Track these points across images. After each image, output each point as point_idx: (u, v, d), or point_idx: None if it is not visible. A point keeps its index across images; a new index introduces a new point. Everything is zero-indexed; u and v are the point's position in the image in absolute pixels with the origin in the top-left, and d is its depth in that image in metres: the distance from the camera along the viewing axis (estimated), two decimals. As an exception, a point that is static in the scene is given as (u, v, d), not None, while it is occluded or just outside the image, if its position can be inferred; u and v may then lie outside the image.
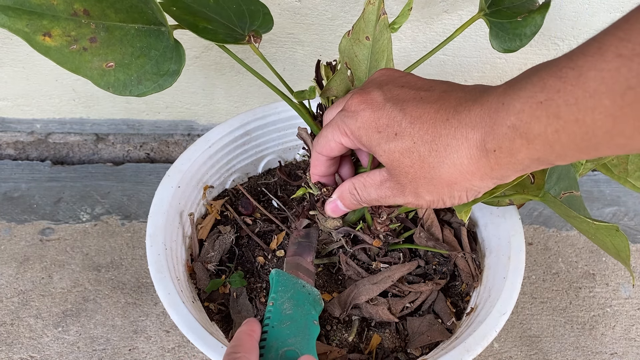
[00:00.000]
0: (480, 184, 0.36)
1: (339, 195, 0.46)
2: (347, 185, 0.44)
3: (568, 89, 0.29)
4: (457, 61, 0.77)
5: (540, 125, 0.30)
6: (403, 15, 0.50)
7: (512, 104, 0.31)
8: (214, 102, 0.83)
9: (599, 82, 0.27)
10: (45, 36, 0.38)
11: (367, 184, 0.42)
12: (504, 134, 0.32)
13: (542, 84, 0.30)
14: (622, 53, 0.27)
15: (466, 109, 0.34)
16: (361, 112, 0.39)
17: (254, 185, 0.69)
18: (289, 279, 0.49)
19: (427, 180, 0.37)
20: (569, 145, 0.30)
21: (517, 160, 0.33)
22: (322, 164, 0.46)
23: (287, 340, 0.43)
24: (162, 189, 0.59)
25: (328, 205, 0.47)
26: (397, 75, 0.41)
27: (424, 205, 0.40)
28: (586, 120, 0.28)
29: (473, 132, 0.34)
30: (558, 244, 0.81)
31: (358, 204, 0.45)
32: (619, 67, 0.27)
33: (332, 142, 0.42)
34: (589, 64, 0.28)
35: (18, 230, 0.79)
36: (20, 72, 0.77)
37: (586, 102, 0.28)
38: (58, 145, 0.90)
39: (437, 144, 0.35)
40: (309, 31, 0.72)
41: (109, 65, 0.41)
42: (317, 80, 0.50)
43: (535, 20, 0.54)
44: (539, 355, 0.70)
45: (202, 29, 0.46)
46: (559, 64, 0.30)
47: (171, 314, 0.50)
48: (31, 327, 0.69)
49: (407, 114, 0.37)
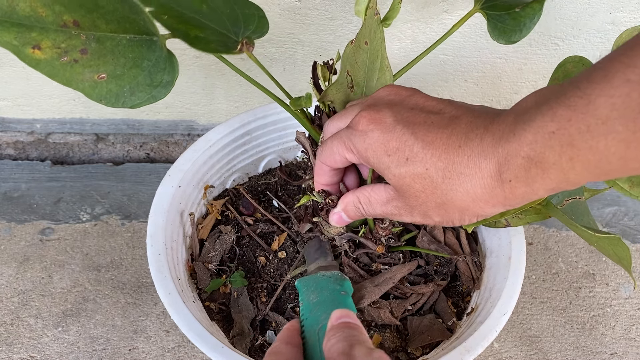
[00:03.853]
0: (492, 210, 0.36)
1: (343, 207, 0.46)
2: (351, 198, 0.44)
3: (579, 117, 0.29)
4: (457, 61, 0.77)
5: (554, 155, 0.30)
6: (394, 9, 0.48)
7: (524, 134, 0.32)
8: (214, 102, 0.83)
9: (610, 108, 0.27)
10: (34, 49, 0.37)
11: (373, 200, 0.42)
12: (519, 164, 0.32)
13: (552, 114, 0.30)
14: (630, 78, 0.27)
15: (477, 136, 0.35)
16: (370, 133, 0.38)
17: (254, 185, 0.69)
18: (309, 278, 0.50)
19: (437, 205, 0.37)
20: (582, 173, 0.30)
21: (532, 189, 0.33)
22: (326, 174, 0.46)
23: (320, 319, 0.43)
24: (162, 188, 0.59)
25: (332, 216, 0.48)
26: (405, 94, 0.41)
27: (431, 224, 0.40)
28: (599, 147, 0.28)
29: (486, 162, 0.34)
30: (558, 243, 0.81)
31: (362, 216, 0.45)
32: (629, 92, 0.27)
33: (336, 155, 0.42)
34: (597, 91, 0.28)
35: (18, 230, 0.79)
36: (20, 72, 0.77)
37: (599, 129, 0.28)
38: (58, 145, 0.90)
39: (450, 171, 0.35)
40: (308, 31, 0.72)
41: (101, 77, 0.40)
42: (314, 81, 0.49)
43: (534, 9, 0.53)
44: (539, 355, 0.70)
45: (194, 38, 0.45)
46: (566, 92, 0.30)
47: (172, 313, 0.50)
48: (31, 327, 0.69)
49: (418, 139, 0.37)
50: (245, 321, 0.56)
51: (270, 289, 0.59)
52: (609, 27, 0.71)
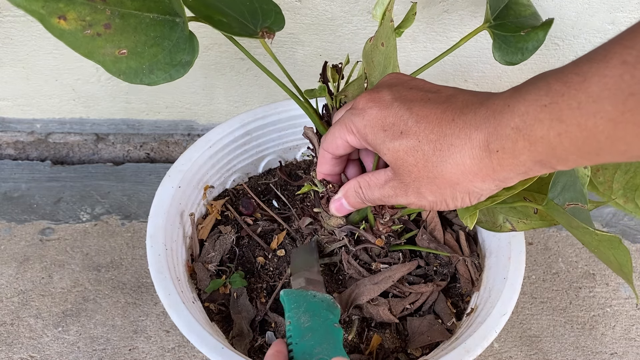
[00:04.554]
0: (482, 185, 0.36)
1: (343, 193, 0.46)
2: (352, 183, 0.45)
3: (572, 93, 0.29)
4: (457, 61, 0.76)
5: (543, 128, 0.31)
6: (408, 20, 0.51)
7: (517, 106, 0.32)
8: (214, 102, 0.83)
9: (602, 87, 0.28)
10: (60, 19, 0.38)
11: (372, 184, 0.43)
12: (507, 135, 0.32)
13: (547, 88, 0.31)
14: (626, 60, 0.27)
15: (472, 110, 0.35)
16: (368, 110, 0.39)
17: (254, 185, 0.69)
18: (298, 294, 0.50)
19: (429, 180, 0.37)
20: (570, 149, 0.30)
21: (519, 162, 0.33)
22: (328, 162, 0.47)
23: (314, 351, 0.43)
24: (162, 189, 0.59)
25: (333, 204, 0.48)
26: (406, 78, 0.42)
27: (426, 206, 0.40)
28: (588, 125, 0.29)
29: (477, 133, 0.34)
30: (558, 243, 0.81)
31: (362, 203, 0.45)
32: (622, 73, 0.27)
33: (338, 140, 0.42)
34: (594, 69, 0.28)
35: (18, 230, 0.79)
36: (20, 72, 0.77)
37: (589, 107, 0.28)
38: (58, 145, 0.90)
39: (442, 143, 0.36)
40: (308, 31, 0.72)
41: (122, 52, 0.41)
42: (324, 82, 0.50)
43: (537, 36, 0.56)
44: (539, 355, 0.70)
45: (218, 22, 0.47)
46: (565, 70, 0.30)
47: (171, 314, 0.50)
48: (31, 327, 0.69)
49: (413, 113, 0.37)
50: (245, 322, 0.56)
51: (270, 289, 0.59)
52: (609, 27, 0.71)
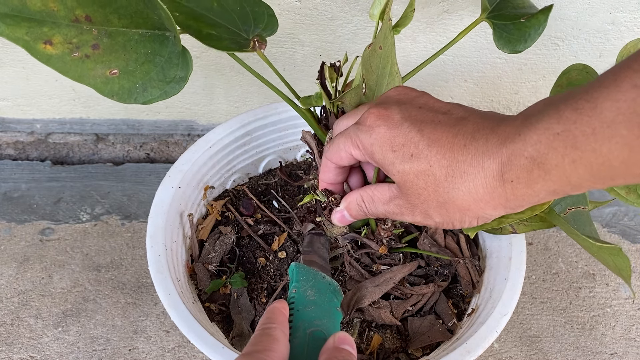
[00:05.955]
0: (493, 212, 0.36)
1: (346, 205, 0.46)
2: (354, 196, 0.44)
3: (585, 120, 0.29)
4: (458, 61, 0.76)
5: (557, 156, 0.30)
6: (406, 17, 0.50)
7: (529, 135, 0.32)
8: (214, 102, 0.83)
9: (616, 112, 0.28)
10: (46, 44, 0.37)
11: (376, 199, 0.42)
12: (522, 165, 0.32)
13: (559, 116, 0.30)
14: (637, 84, 0.27)
15: (483, 136, 0.35)
16: (376, 129, 0.39)
17: (254, 185, 0.69)
18: (309, 271, 0.49)
19: (439, 204, 0.37)
20: (584, 176, 0.30)
21: (533, 191, 0.33)
22: (331, 171, 0.46)
23: (313, 322, 0.43)
24: (162, 189, 0.59)
25: (335, 215, 0.47)
26: (414, 95, 0.41)
27: (431, 225, 0.40)
28: (603, 151, 0.29)
29: (490, 162, 0.34)
30: (558, 244, 0.81)
31: (365, 216, 0.45)
32: (635, 97, 0.27)
33: (342, 152, 0.42)
34: (605, 94, 0.28)
35: (18, 231, 0.79)
36: (20, 72, 0.77)
37: (603, 133, 0.28)
38: (58, 145, 0.90)
39: (454, 170, 0.35)
40: (309, 31, 0.72)
41: (113, 72, 0.40)
42: (321, 82, 0.49)
43: (539, 21, 0.54)
44: (539, 355, 0.70)
45: (206, 35, 0.45)
46: (575, 96, 0.30)
47: (172, 315, 0.50)
48: (31, 327, 0.69)
49: (424, 136, 0.37)
50: (245, 322, 0.56)
51: (270, 289, 0.59)
52: (609, 27, 0.71)
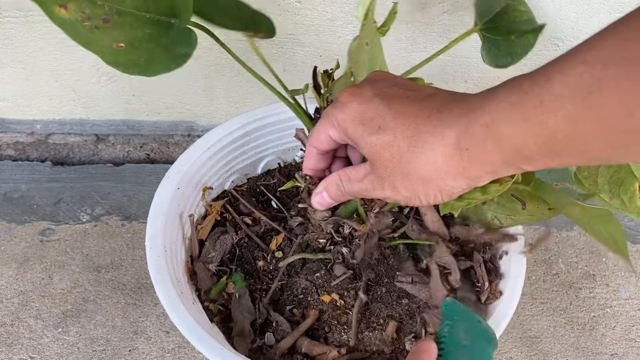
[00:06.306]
0: (454, 183, 0.37)
1: (325, 186, 0.47)
2: (333, 176, 0.46)
3: (536, 91, 0.30)
4: (457, 61, 0.76)
5: (509, 127, 0.31)
6: (390, 19, 0.52)
7: (488, 104, 0.33)
8: (214, 103, 0.83)
9: (564, 86, 0.29)
10: (61, 7, 0.39)
11: (352, 177, 0.43)
12: (476, 132, 0.33)
13: (518, 87, 0.31)
14: (586, 60, 0.28)
15: (448, 109, 0.36)
16: (349, 104, 0.40)
17: (253, 186, 0.69)
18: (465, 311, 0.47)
19: (403, 175, 0.38)
20: (534, 149, 0.31)
21: (487, 160, 0.34)
22: (313, 157, 0.47)
23: None
24: (161, 190, 0.59)
25: (314, 197, 0.48)
26: (389, 76, 0.42)
27: (401, 200, 0.41)
28: (549, 123, 0.29)
29: (449, 131, 0.35)
30: (558, 244, 0.81)
31: (342, 196, 0.46)
32: (582, 72, 0.28)
33: (322, 134, 0.43)
34: (557, 68, 0.29)
35: (18, 231, 0.79)
36: (20, 72, 0.77)
37: (550, 105, 0.29)
38: (58, 146, 0.90)
39: (416, 140, 0.36)
40: (308, 32, 0.72)
41: (120, 45, 0.42)
42: (315, 86, 0.51)
43: (528, 40, 0.56)
44: (539, 356, 0.70)
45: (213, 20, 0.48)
46: (537, 70, 0.31)
47: (171, 316, 0.50)
48: (31, 328, 0.70)
49: (392, 109, 0.38)
50: (247, 322, 0.56)
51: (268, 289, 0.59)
52: (609, 27, 0.71)
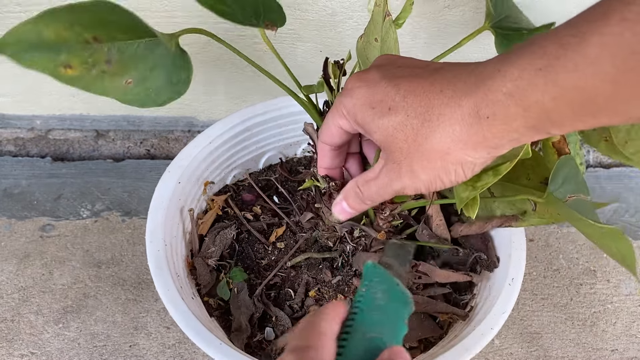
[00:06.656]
0: (475, 154, 0.35)
1: (344, 195, 0.45)
2: (351, 184, 0.44)
3: (569, 55, 0.28)
4: (460, 57, 0.76)
5: (537, 93, 0.30)
6: (406, 10, 0.51)
7: (510, 70, 0.31)
8: (214, 98, 0.83)
9: (601, 47, 0.27)
10: (66, 68, 0.41)
11: (367, 177, 0.42)
12: (499, 100, 0.31)
13: (542, 52, 0.29)
14: (626, 17, 0.26)
15: (461, 80, 0.34)
16: (357, 90, 0.39)
17: (255, 181, 0.69)
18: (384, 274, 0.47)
19: (420, 154, 0.36)
20: (566, 113, 0.30)
21: (511, 128, 0.32)
22: (327, 155, 0.46)
23: (375, 327, 0.42)
24: (162, 185, 0.59)
25: (335, 208, 0.47)
26: (395, 58, 0.41)
27: (421, 187, 0.39)
28: (586, 87, 0.28)
29: (467, 99, 0.33)
30: (559, 240, 0.81)
31: (362, 203, 0.44)
32: (623, 31, 0.26)
33: (332, 127, 0.42)
34: (592, 29, 0.27)
35: (18, 227, 0.79)
36: (19, 68, 0.77)
37: (586, 69, 0.27)
38: (58, 142, 0.90)
39: (430, 114, 0.35)
40: (309, 27, 0.71)
41: (128, 82, 0.44)
42: (325, 78, 0.50)
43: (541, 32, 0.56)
44: (540, 351, 0.70)
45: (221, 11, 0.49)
46: (560, 32, 0.29)
47: (170, 310, 0.50)
48: (32, 324, 0.70)
49: (400, 89, 0.37)
50: (244, 317, 0.56)
51: (269, 284, 0.59)
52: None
